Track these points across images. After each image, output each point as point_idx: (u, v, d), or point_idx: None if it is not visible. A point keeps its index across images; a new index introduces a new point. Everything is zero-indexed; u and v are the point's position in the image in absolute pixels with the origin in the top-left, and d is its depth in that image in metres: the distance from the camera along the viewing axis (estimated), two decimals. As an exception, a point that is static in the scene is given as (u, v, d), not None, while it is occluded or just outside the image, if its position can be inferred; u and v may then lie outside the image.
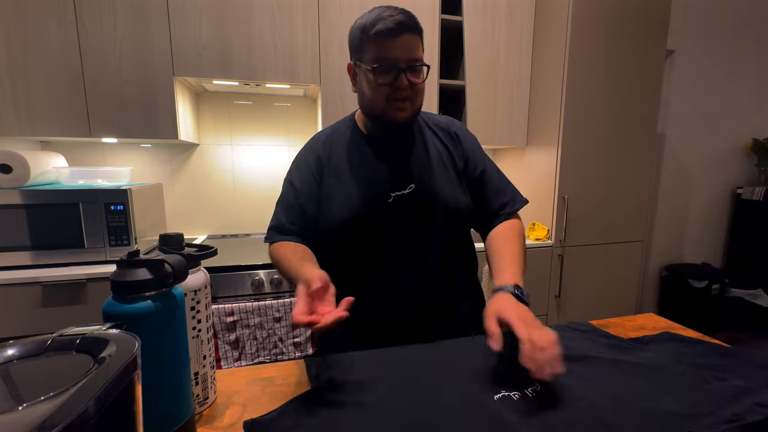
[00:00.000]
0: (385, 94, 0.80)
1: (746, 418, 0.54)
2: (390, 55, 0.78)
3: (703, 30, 2.75)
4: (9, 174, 1.41)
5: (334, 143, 0.91)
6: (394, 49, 0.77)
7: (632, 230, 2.13)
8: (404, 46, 0.77)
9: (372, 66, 0.79)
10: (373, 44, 0.78)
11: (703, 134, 2.91)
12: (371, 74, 0.80)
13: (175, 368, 0.51)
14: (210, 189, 2.06)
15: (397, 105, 0.81)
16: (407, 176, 0.87)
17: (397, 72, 0.78)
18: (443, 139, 0.93)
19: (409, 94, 0.81)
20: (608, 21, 1.89)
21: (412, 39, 0.78)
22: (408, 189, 0.86)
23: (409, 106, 0.82)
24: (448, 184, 0.89)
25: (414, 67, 0.79)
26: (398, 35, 0.76)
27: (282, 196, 0.94)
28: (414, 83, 0.80)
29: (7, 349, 0.34)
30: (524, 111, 2.14)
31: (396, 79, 0.78)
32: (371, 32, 0.78)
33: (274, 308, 1.50)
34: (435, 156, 0.90)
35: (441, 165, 0.90)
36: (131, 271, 0.48)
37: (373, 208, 0.85)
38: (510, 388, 0.62)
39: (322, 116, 1.84)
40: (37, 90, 1.50)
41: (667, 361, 0.71)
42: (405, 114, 0.82)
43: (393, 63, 0.78)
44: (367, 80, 0.82)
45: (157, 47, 1.59)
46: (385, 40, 0.77)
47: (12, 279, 1.35)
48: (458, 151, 0.93)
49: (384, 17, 0.77)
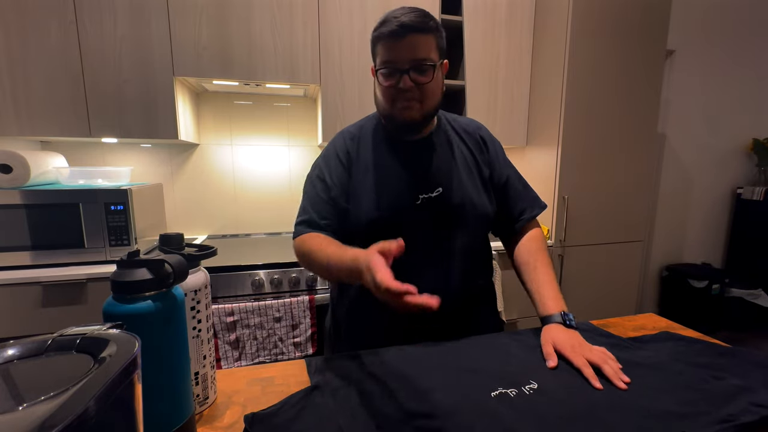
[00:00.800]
0: (391, 96, 0.81)
1: (741, 418, 0.54)
2: (393, 58, 0.78)
3: (703, 30, 2.75)
4: (9, 174, 1.41)
5: (362, 141, 0.91)
6: (397, 51, 0.78)
7: (632, 230, 2.13)
8: (408, 48, 0.77)
9: (378, 69, 0.81)
10: (379, 47, 0.80)
11: (703, 134, 2.91)
12: (379, 77, 0.81)
13: (175, 368, 0.51)
14: (210, 189, 2.06)
15: (403, 104, 0.81)
16: (435, 179, 0.87)
17: (401, 74, 0.78)
18: (469, 144, 0.93)
19: (415, 95, 0.80)
20: (608, 21, 1.89)
21: (419, 39, 0.77)
22: (435, 192, 0.86)
23: (416, 106, 0.81)
24: (474, 189, 0.90)
25: (420, 67, 0.78)
26: (401, 37, 0.76)
27: (308, 193, 0.90)
28: (420, 83, 0.79)
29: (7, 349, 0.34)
30: (524, 111, 2.14)
31: (399, 82, 0.79)
32: (375, 35, 0.80)
33: (274, 308, 1.50)
34: (461, 160, 0.91)
35: (467, 170, 0.90)
36: (131, 271, 0.48)
37: (401, 210, 0.86)
38: (507, 385, 0.62)
39: (322, 116, 1.84)
40: (37, 90, 1.50)
41: (666, 360, 0.71)
42: (411, 113, 0.82)
43: (396, 66, 0.78)
44: (377, 82, 0.83)
45: (157, 47, 1.59)
46: (388, 43, 0.78)
47: (12, 279, 1.35)
48: (483, 158, 0.93)
49: (389, 20, 0.77)
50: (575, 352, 0.71)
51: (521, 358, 0.73)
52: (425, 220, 0.87)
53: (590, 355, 0.69)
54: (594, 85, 1.92)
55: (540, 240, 0.94)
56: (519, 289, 0.92)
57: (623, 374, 0.66)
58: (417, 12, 0.78)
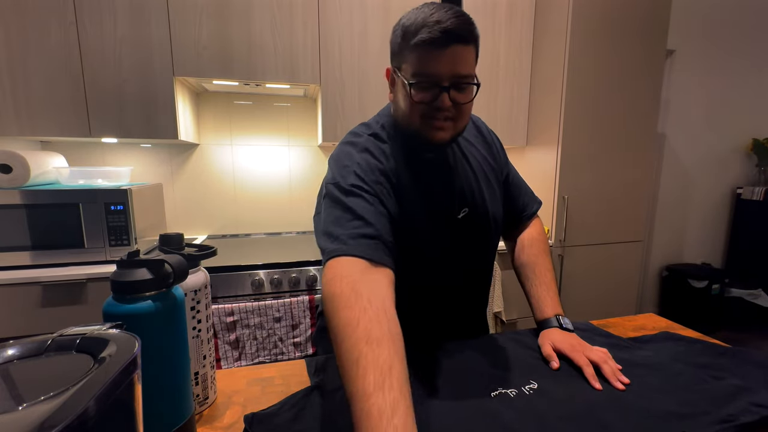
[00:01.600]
0: (422, 112, 0.69)
1: (740, 418, 0.54)
2: (432, 71, 0.66)
3: (703, 30, 2.75)
4: (9, 174, 1.41)
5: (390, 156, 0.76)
6: (437, 63, 0.65)
7: (632, 230, 2.13)
8: (450, 60, 0.65)
9: (410, 81, 0.67)
10: (413, 54, 0.66)
11: (703, 134, 2.91)
12: (408, 89, 0.68)
13: (175, 368, 0.51)
14: (210, 189, 2.06)
15: (435, 124, 0.69)
16: (461, 199, 0.80)
17: (439, 90, 0.66)
18: (478, 146, 0.88)
19: (451, 114, 0.69)
20: (608, 21, 1.89)
21: (463, 51, 0.65)
22: (462, 213, 0.80)
23: (450, 126, 0.70)
24: (494, 201, 0.86)
25: (460, 85, 0.67)
26: (445, 47, 0.64)
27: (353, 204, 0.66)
28: (459, 102, 0.68)
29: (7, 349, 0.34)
30: (524, 111, 2.14)
31: (436, 99, 0.67)
32: (412, 41, 0.65)
33: (274, 308, 1.50)
34: (479, 171, 0.85)
35: (486, 180, 0.85)
36: (131, 271, 0.48)
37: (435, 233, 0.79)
38: (507, 385, 0.62)
39: (322, 116, 1.84)
40: (37, 90, 1.50)
41: (665, 360, 0.71)
42: (444, 135, 0.70)
43: (435, 80, 0.66)
44: (404, 93, 0.70)
45: (157, 47, 1.59)
46: (427, 51, 0.65)
47: (12, 279, 1.35)
48: (492, 158, 0.89)
49: (430, 23, 0.63)
50: (575, 350, 0.71)
51: (521, 359, 0.73)
52: (452, 241, 0.80)
53: (590, 354, 0.69)
54: (594, 85, 1.92)
55: (542, 241, 0.92)
56: (519, 290, 0.91)
57: (622, 375, 0.66)
58: (460, 17, 0.64)
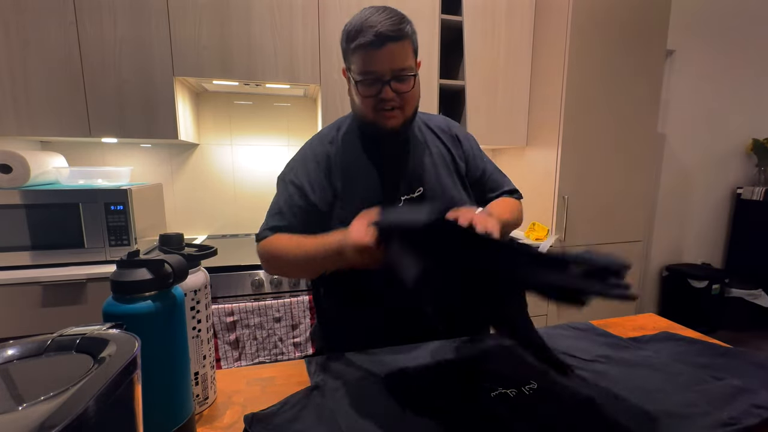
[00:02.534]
0: (372, 105, 0.79)
1: (742, 421, 0.54)
2: (373, 69, 0.76)
3: (703, 30, 2.75)
4: (9, 174, 1.41)
5: (341, 144, 0.89)
6: (376, 62, 0.75)
7: (632, 230, 2.13)
8: (388, 58, 0.75)
9: (356, 79, 0.78)
10: (356, 56, 0.77)
11: (703, 134, 2.91)
12: (358, 87, 0.79)
13: (175, 368, 0.51)
14: (210, 189, 2.06)
15: (385, 114, 0.80)
16: (415, 179, 0.87)
17: (382, 84, 0.77)
18: (445, 141, 0.93)
19: (397, 103, 0.79)
20: (608, 21, 1.89)
21: (397, 48, 0.75)
22: (417, 192, 0.86)
23: (399, 114, 0.81)
24: (453, 186, 0.90)
25: (400, 77, 0.77)
26: (380, 47, 0.74)
27: (282, 196, 0.87)
28: (402, 92, 0.78)
29: (7, 349, 0.34)
30: (524, 111, 2.14)
31: (381, 92, 0.77)
32: (352, 45, 0.76)
33: (274, 308, 1.50)
34: (439, 158, 0.91)
35: (446, 167, 0.91)
36: (131, 271, 0.48)
37: None
38: (507, 385, 0.62)
39: (322, 116, 1.84)
40: (37, 90, 1.50)
41: (665, 361, 0.71)
42: (395, 122, 0.81)
43: (377, 76, 0.76)
44: (355, 90, 0.81)
45: (157, 47, 1.59)
46: (366, 53, 0.75)
47: (12, 279, 1.35)
48: (459, 153, 0.94)
49: (364, 29, 0.73)
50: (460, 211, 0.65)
51: (520, 359, 0.73)
52: None
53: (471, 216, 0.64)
54: (594, 85, 1.92)
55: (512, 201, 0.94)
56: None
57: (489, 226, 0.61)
58: (392, 18, 0.74)
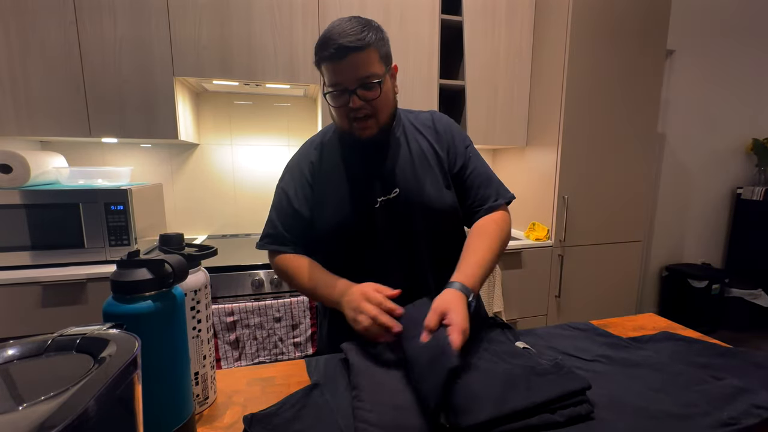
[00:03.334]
0: (345, 114, 0.81)
1: (742, 421, 0.53)
2: (338, 80, 0.77)
3: (703, 30, 2.75)
4: (9, 174, 1.41)
5: (325, 149, 0.92)
6: (340, 73, 0.77)
7: (632, 230, 2.13)
8: (351, 68, 0.76)
9: (325, 93, 0.80)
10: (323, 69, 0.79)
11: (703, 134, 2.91)
12: (328, 99, 0.81)
13: (175, 368, 0.51)
14: (210, 189, 2.06)
15: (358, 125, 0.81)
16: (392, 180, 0.87)
17: (349, 94, 0.78)
18: (428, 137, 0.92)
19: (368, 111, 0.80)
20: (608, 21, 1.89)
21: (360, 57, 0.75)
22: (393, 193, 0.86)
23: (373, 123, 0.81)
24: (433, 184, 0.88)
25: (366, 84, 0.77)
26: (342, 59, 0.75)
27: (276, 204, 0.94)
28: (369, 99, 0.79)
29: (7, 349, 0.34)
30: (524, 111, 2.14)
31: (349, 101, 0.78)
32: (317, 58, 0.78)
33: (274, 308, 1.50)
34: (419, 156, 0.89)
35: (425, 165, 0.89)
36: (131, 271, 0.48)
37: (361, 214, 0.86)
38: None
39: (322, 116, 1.84)
40: (37, 90, 1.50)
41: (665, 360, 0.71)
42: (369, 131, 0.82)
43: (342, 87, 0.78)
44: (327, 101, 0.82)
45: (157, 47, 1.59)
46: (331, 65, 0.77)
47: (12, 279, 1.35)
48: (441, 145, 0.91)
49: (327, 42, 0.75)
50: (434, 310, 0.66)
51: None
52: (387, 223, 0.86)
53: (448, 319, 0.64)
54: (594, 85, 1.92)
55: (498, 222, 0.87)
56: (519, 289, 0.91)
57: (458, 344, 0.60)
58: (354, 27, 0.75)
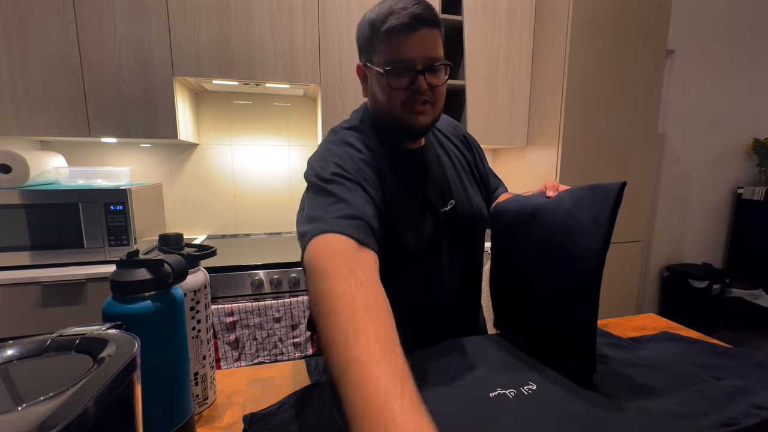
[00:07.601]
0: (402, 99, 0.70)
1: (742, 421, 0.53)
2: (405, 55, 0.67)
3: (703, 30, 2.75)
4: (8, 174, 1.41)
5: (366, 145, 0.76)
6: (409, 47, 0.67)
7: (633, 230, 2.13)
8: (421, 44, 0.67)
9: (385, 68, 0.68)
10: (384, 43, 0.68)
11: (703, 134, 2.91)
12: (384, 78, 0.69)
13: (175, 368, 0.51)
14: (210, 189, 2.06)
15: (416, 109, 0.71)
16: (447, 192, 0.82)
17: (415, 74, 0.68)
18: (458, 146, 0.90)
19: (429, 98, 0.71)
20: (608, 21, 1.89)
21: (431, 34, 0.68)
22: (449, 205, 0.81)
23: (430, 110, 0.72)
24: (476, 193, 0.87)
25: (433, 67, 0.69)
26: (414, 31, 0.66)
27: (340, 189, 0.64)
28: (434, 85, 0.70)
29: (7, 349, 0.34)
30: (524, 111, 2.14)
31: (413, 83, 0.69)
32: (382, 29, 0.67)
33: (273, 308, 1.50)
34: (459, 166, 0.87)
35: (467, 175, 0.87)
36: (131, 271, 0.48)
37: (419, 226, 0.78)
38: (505, 386, 0.62)
39: (322, 116, 1.84)
40: (37, 90, 1.50)
41: (665, 360, 0.71)
42: (426, 119, 0.72)
43: (409, 64, 0.68)
44: (380, 84, 0.71)
45: (157, 47, 1.59)
46: (398, 37, 0.67)
47: (12, 279, 1.35)
48: (471, 155, 0.91)
49: (396, 10, 0.66)
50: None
51: (519, 359, 0.73)
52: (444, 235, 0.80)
53: None
54: (594, 85, 1.92)
55: None
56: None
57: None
58: (422, 3, 0.67)
